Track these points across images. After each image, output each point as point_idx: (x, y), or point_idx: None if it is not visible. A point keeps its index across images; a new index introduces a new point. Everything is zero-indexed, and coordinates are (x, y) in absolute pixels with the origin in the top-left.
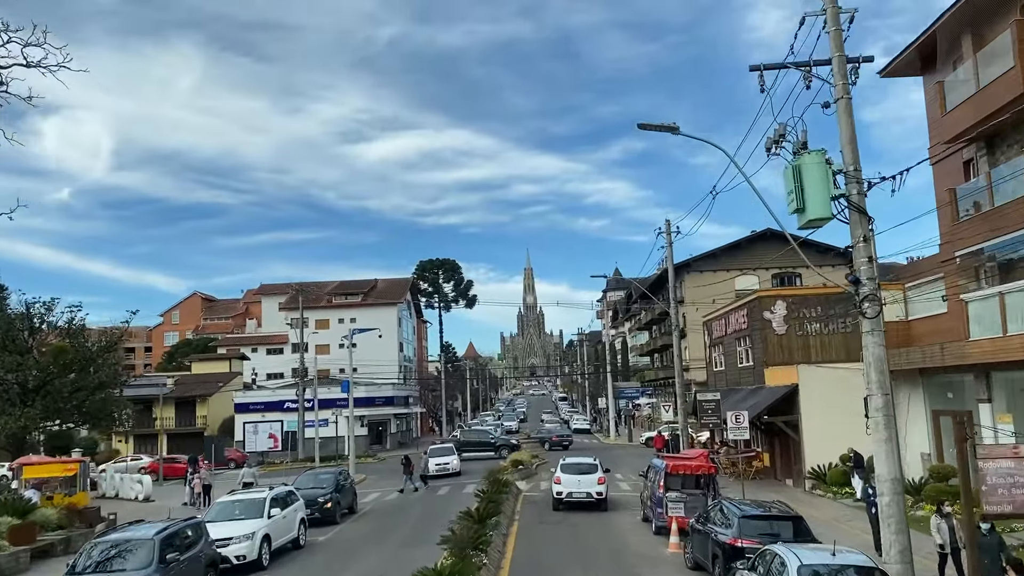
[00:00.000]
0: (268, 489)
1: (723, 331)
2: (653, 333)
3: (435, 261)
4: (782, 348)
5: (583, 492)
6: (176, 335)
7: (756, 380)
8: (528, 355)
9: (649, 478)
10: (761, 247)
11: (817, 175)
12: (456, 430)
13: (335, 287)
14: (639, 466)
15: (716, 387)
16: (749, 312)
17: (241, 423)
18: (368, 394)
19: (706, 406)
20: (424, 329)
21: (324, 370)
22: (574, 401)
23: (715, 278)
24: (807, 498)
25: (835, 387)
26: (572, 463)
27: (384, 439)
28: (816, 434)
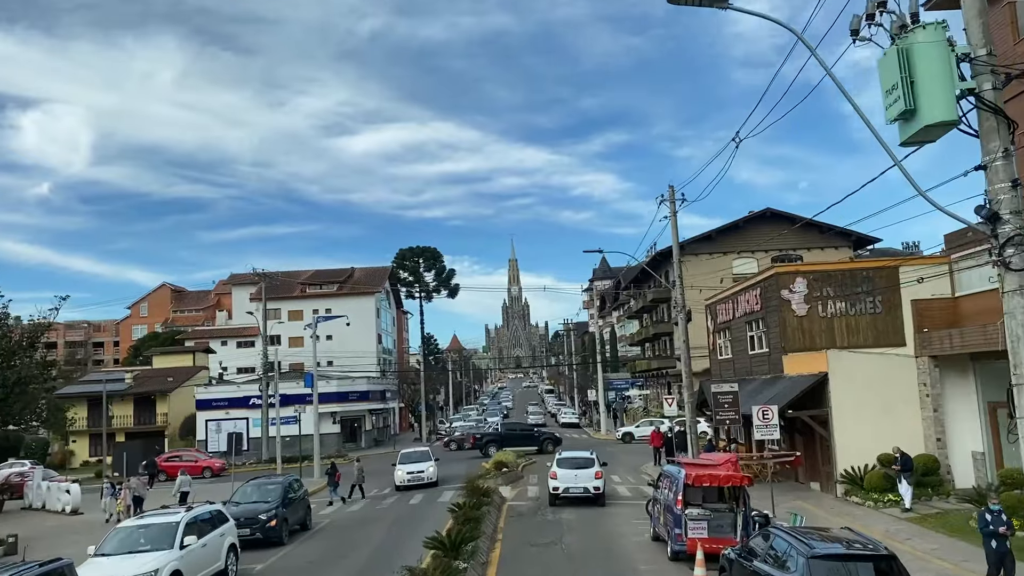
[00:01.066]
0: (185, 510)
1: (730, 314)
2: (644, 321)
3: (415, 249)
4: (803, 332)
5: (580, 487)
6: (145, 328)
7: (772, 369)
8: (513, 347)
9: (660, 488)
10: (760, 228)
11: (935, 61)
12: (447, 424)
13: (309, 276)
14: (636, 464)
15: (721, 377)
16: (764, 291)
17: (203, 421)
18: (341, 388)
19: (722, 399)
20: (405, 321)
21: (298, 363)
22: (561, 394)
23: (712, 262)
24: (841, 506)
25: (872, 376)
26: (568, 457)
27: (358, 437)
28: (850, 431)
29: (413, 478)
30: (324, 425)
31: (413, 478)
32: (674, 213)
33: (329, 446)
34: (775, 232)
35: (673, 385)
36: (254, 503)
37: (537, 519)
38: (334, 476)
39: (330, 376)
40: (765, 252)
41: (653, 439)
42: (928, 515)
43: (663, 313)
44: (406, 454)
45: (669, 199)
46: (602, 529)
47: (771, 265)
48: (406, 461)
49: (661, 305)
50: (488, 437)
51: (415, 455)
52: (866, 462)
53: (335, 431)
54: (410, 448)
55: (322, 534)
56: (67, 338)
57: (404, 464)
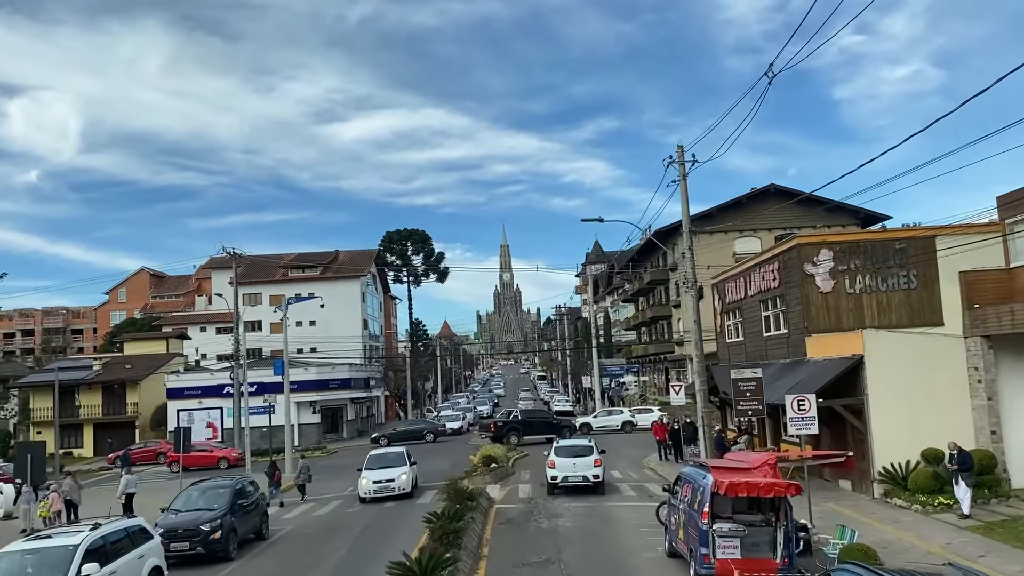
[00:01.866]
0: (91, 528)
1: (741, 293)
2: (640, 305)
3: (403, 232)
4: (828, 310)
5: (579, 476)
6: (124, 314)
7: (791, 352)
8: (505, 333)
9: (678, 495)
10: (764, 205)
11: None
12: (435, 412)
13: (292, 259)
14: (637, 456)
15: (729, 362)
16: (783, 266)
17: (174, 410)
18: (321, 376)
19: (743, 387)
20: (393, 306)
21: (280, 350)
22: (554, 380)
23: (711, 241)
24: (884, 510)
25: (915, 359)
26: (566, 445)
27: (340, 427)
28: (890, 422)
29: (381, 488)
30: (303, 415)
31: (381, 488)
32: (684, 176)
33: (309, 437)
34: (779, 210)
35: (672, 371)
36: (196, 511)
37: (530, 527)
38: (273, 475)
39: (309, 363)
40: (768, 230)
41: (656, 431)
42: (993, 523)
43: (661, 295)
44: (376, 456)
45: (678, 160)
46: (606, 541)
47: (791, 235)
48: (374, 465)
49: (659, 287)
50: (509, 425)
51: (387, 458)
52: (908, 458)
53: (315, 421)
54: (382, 449)
55: (279, 546)
56: (45, 324)
57: (372, 470)
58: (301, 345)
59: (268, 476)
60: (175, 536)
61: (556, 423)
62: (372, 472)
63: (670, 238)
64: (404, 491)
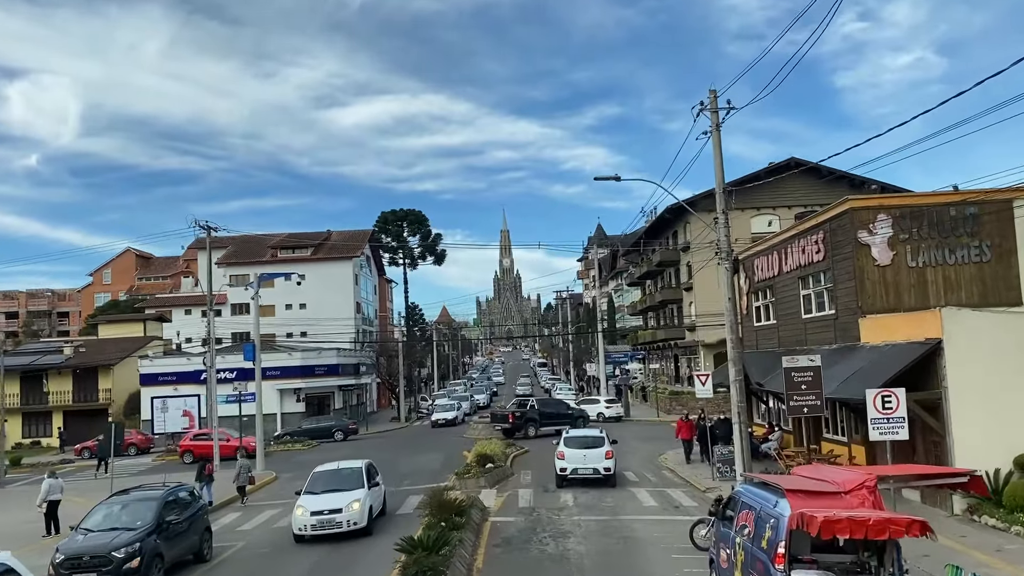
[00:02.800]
0: None
1: (774, 270)
2: (647, 288)
3: (399, 212)
4: (886, 286)
5: (589, 468)
6: (108, 296)
7: (840, 336)
8: (505, 319)
9: (735, 526)
10: (783, 182)
11: None
12: (429, 401)
13: (281, 239)
14: (652, 453)
15: (757, 348)
16: (830, 235)
17: (148, 398)
18: (306, 362)
19: (798, 379)
20: (389, 290)
21: (268, 335)
22: (555, 367)
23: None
24: (977, 534)
25: (1005, 346)
26: (576, 436)
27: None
28: (975, 421)
29: (323, 523)
30: (287, 403)
31: (323, 523)
32: (717, 126)
33: (293, 427)
34: (800, 186)
35: (682, 358)
36: (111, 531)
37: (532, 552)
38: (203, 471)
39: (294, 348)
40: (788, 207)
41: (680, 430)
42: None
43: (670, 278)
44: (322, 476)
45: (710, 107)
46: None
47: (813, 213)
48: (316, 489)
49: (668, 269)
50: (527, 416)
51: (338, 476)
52: (996, 466)
53: (299, 410)
54: (330, 464)
55: (221, 572)
56: (29, 307)
57: (312, 495)
58: (291, 329)
59: (198, 471)
60: (79, 566)
61: (569, 412)
62: (312, 498)
63: (683, 215)
64: (356, 525)
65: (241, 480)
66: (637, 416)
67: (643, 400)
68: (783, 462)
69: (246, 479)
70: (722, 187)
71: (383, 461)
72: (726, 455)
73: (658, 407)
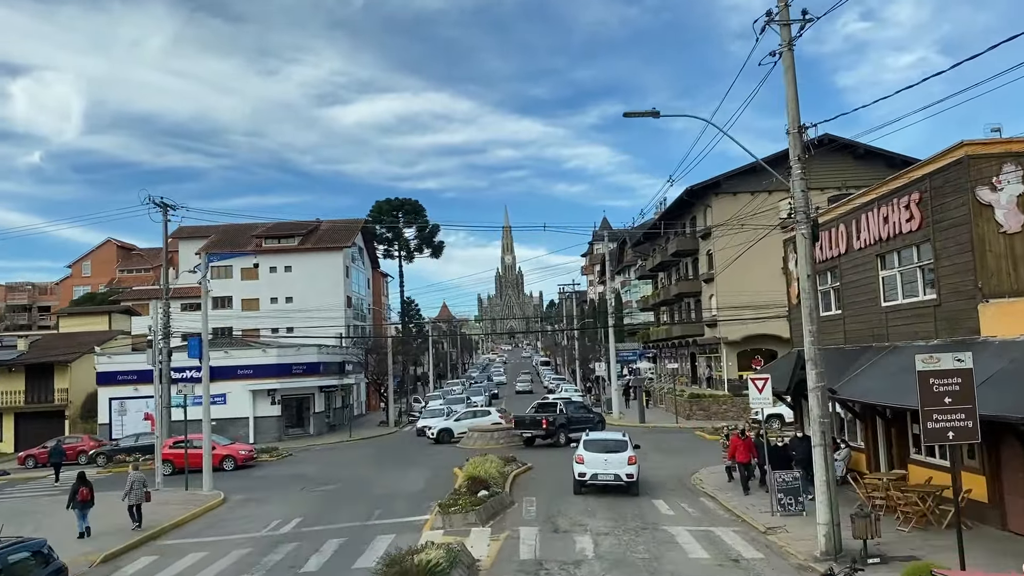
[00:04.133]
0: None
1: (839, 247)
2: (660, 281)
3: (394, 201)
4: (1015, 261)
5: (610, 474)
6: (88, 289)
7: (947, 329)
8: (507, 316)
9: None
10: (815, 160)
11: None
12: (422, 403)
13: (267, 228)
14: (675, 471)
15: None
16: (932, 194)
17: (106, 399)
18: (282, 359)
19: (940, 388)
20: (384, 285)
21: (252, 330)
22: (558, 366)
23: (753, 203)
24: None
25: None
26: (597, 439)
27: (306, 421)
28: None
29: None
30: (260, 406)
31: None
32: (789, 44)
33: (267, 433)
34: (834, 165)
35: (700, 356)
36: None
37: None
38: (76, 495)
39: (269, 344)
40: (820, 190)
41: (735, 449)
42: None
43: (687, 269)
44: None
45: (779, 19)
46: None
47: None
48: None
49: (685, 260)
50: (559, 421)
51: None
52: None
53: (274, 414)
54: None
55: None
56: (9, 301)
57: None
58: (276, 324)
59: (71, 495)
60: None
61: (591, 416)
62: None
63: (704, 197)
64: None
65: (133, 498)
66: (653, 421)
67: (647, 403)
68: (862, 491)
69: (141, 495)
70: (797, 124)
71: (355, 479)
72: (789, 483)
73: (676, 411)
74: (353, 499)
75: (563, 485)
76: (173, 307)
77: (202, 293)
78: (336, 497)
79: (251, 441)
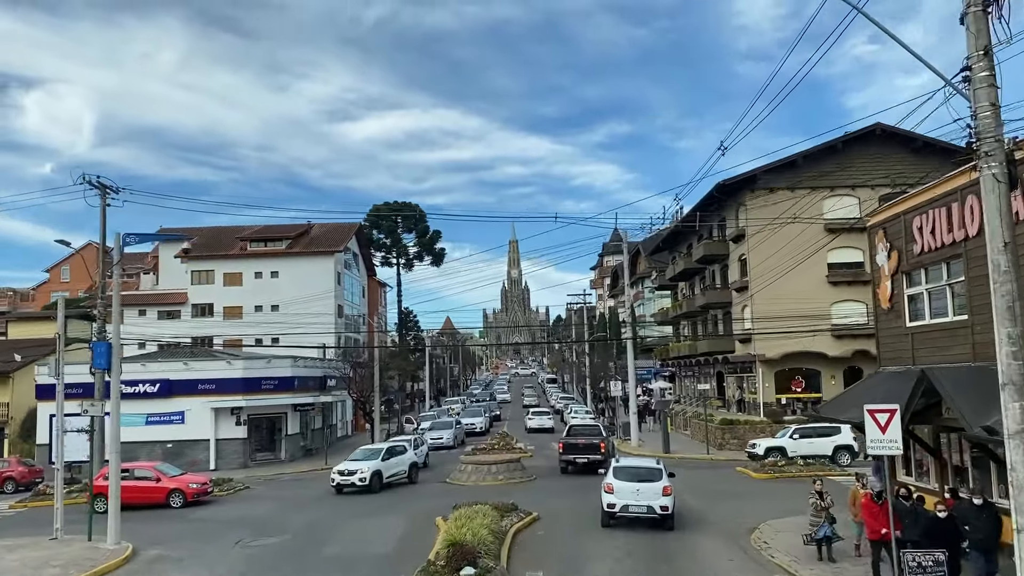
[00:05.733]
0: None
1: (957, 232)
2: (682, 292)
3: (392, 205)
4: None
5: (642, 505)
6: (67, 295)
7: None
8: (512, 332)
9: None
10: (866, 154)
11: None
12: (414, 424)
13: (253, 231)
14: (729, 524)
15: (914, 360)
16: None
17: (46, 415)
18: (250, 373)
19: None
20: (382, 295)
21: (235, 340)
22: (565, 384)
23: (792, 201)
24: None
25: None
26: (628, 467)
27: (277, 445)
28: None
29: None
30: (224, 426)
31: None
32: None
33: (231, 458)
34: (887, 159)
35: (729, 376)
36: None
37: None
38: None
39: (235, 355)
40: (871, 187)
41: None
42: None
43: (714, 277)
44: None
45: None
46: None
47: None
48: None
49: (712, 267)
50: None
51: None
52: None
53: (239, 436)
54: None
55: None
56: None
57: None
58: (261, 334)
59: None
60: None
61: None
62: None
63: (736, 195)
64: None
65: None
66: (679, 450)
67: None
68: None
69: None
70: None
71: (310, 528)
72: (928, 568)
73: (708, 440)
74: (297, 564)
75: (582, 545)
76: (150, 314)
77: (113, 286)
78: (275, 559)
79: (211, 467)
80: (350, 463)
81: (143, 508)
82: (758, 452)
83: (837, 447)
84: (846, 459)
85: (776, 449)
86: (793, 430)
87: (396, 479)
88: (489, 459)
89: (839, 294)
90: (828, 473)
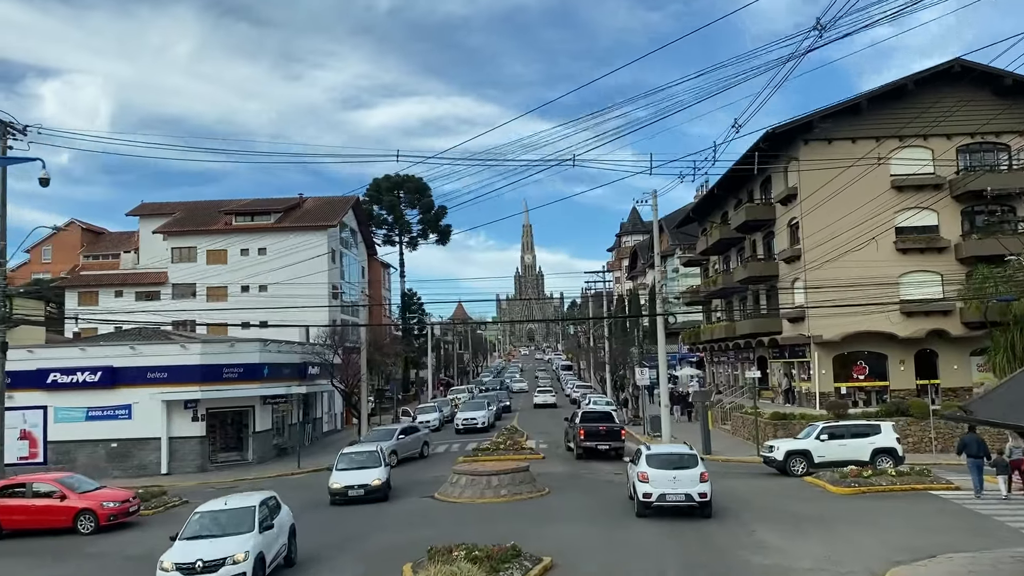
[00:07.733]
0: None
1: None
2: (715, 267)
3: (393, 178)
4: None
5: (680, 493)
6: (48, 276)
7: None
8: (526, 318)
9: None
10: (942, 95)
11: None
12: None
13: (240, 205)
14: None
15: None
16: None
17: None
18: (207, 359)
19: None
20: (385, 277)
21: (220, 326)
22: (581, 371)
23: (854, 152)
24: None
25: None
26: (662, 453)
27: (245, 444)
28: None
29: None
30: (178, 422)
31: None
32: None
33: (187, 460)
34: (967, 102)
35: (774, 362)
36: None
37: None
38: None
39: (191, 337)
40: (947, 137)
41: None
42: None
43: (756, 248)
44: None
45: None
46: None
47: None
48: None
49: (754, 235)
50: None
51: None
52: None
53: (196, 434)
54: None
55: None
56: None
57: None
58: (247, 316)
59: None
60: None
61: None
62: None
63: (787, 147)
64: None
65: None
66: (721, 451)
67: (688, 418)
68: None
69: None
70: None
71: None
72: None
73: (758, 439)
74: None
75: None
76: (127, 295)
77: None
78: None
79: (163, 471)
80: None
81: (42, 534)
82: (776, 457)
83: (876, 451)
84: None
85: (799, 453)
86: (820, 429)
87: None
88: (488, 469)
89: (909, 263)
90: (930, 486)
